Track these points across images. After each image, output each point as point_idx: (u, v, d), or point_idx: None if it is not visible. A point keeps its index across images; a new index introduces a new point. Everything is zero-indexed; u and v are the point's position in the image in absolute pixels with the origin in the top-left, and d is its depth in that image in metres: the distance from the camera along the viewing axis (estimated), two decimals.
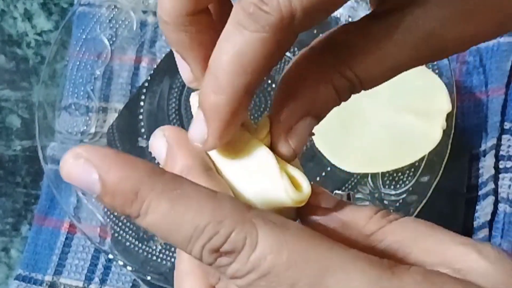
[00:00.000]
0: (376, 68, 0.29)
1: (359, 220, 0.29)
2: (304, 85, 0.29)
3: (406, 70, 0.29)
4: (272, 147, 0.30)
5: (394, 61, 0.29)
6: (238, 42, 0.26)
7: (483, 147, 0.63)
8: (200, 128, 0.29)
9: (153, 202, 0.25)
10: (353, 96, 0.30)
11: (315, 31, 0.61)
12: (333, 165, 0.61)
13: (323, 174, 0.62)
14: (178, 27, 0.29)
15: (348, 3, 0.53)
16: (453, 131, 0.59)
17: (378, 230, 0.28)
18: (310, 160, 0.62)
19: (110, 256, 0.59)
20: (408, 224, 0.28)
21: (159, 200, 0.25)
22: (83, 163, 0.25)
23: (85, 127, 0.65)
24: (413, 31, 0.28)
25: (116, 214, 0.62)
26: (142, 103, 0.66)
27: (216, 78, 0.27)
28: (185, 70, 0.31)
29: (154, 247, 0.60)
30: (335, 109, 0.30)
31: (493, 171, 0.61)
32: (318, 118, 0.30)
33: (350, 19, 0.65)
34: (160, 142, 0.31)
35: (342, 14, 0.65)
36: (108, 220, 0.61)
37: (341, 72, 0.29)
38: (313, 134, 0.30)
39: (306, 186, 0.29)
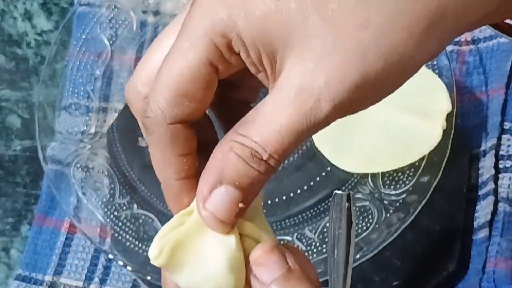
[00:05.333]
0: (266, 132, 0.30)
1: None
2: (213, 156, 0.31)
3: (306, 132, 0.30)
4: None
5: (280, 123, 0.29)
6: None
7: (483, 147, 0.63)
8: None
9: None
10: None
11: None
12: (333, 165, 0.61)
13: (323, 174, 0.62)
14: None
15: None
16: (453, 131, 0.59)
17: None
18: (310, 160, 0.62)
19: (110, 256, 0.59)
20: None
21: None
22: None
23: (85, 127, 0.65)
24: (284, 89, 0.29)
25: (116, 214, 0.62)
26: None
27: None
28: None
29: None
30: None
31: (493, 171, 0.61)
32: (239, 187, 0.30)
33: None
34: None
35: None
36: (108, 220, 0.61)
37: (237, 140, 0.30)
38: (243, 204, 0.31)
39: None
